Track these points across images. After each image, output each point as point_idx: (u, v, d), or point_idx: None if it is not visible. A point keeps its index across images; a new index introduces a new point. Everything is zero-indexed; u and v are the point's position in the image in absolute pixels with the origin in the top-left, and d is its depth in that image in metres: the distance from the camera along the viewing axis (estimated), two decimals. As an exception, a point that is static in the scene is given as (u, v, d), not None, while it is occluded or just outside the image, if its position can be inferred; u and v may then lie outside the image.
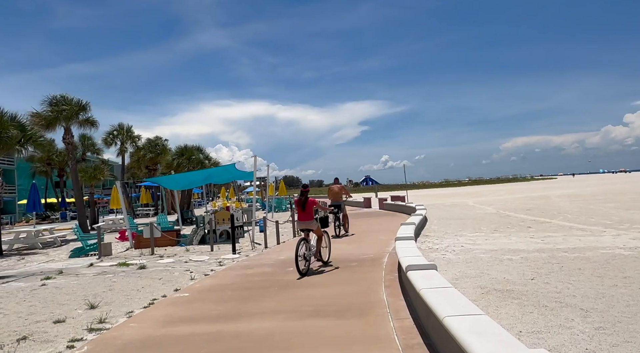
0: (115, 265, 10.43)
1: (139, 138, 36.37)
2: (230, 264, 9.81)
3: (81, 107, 18.56)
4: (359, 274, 7.64)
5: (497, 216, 17.20)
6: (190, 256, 11.38)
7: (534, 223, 13.77)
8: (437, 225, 14.74)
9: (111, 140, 34.82)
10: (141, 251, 12.54)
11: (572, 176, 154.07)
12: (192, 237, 13.93)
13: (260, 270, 8.76)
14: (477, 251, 8.76)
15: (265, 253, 11.14)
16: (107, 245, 12.02)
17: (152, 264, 10.39)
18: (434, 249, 9.52)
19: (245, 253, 11.59)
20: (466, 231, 12.53)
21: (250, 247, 12.36)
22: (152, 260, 11.15)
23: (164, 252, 12.52)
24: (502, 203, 25.47)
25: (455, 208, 23.88)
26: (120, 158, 36.00)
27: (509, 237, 10.65)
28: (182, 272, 9.10)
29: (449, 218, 17.59)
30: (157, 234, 12.23)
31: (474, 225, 14.03)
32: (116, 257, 11.92)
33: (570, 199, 26.81)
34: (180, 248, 13.04)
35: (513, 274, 6.45)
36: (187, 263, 10.39)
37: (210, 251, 12.13)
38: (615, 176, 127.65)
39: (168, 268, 9.76)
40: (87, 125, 19.42)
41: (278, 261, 9.60)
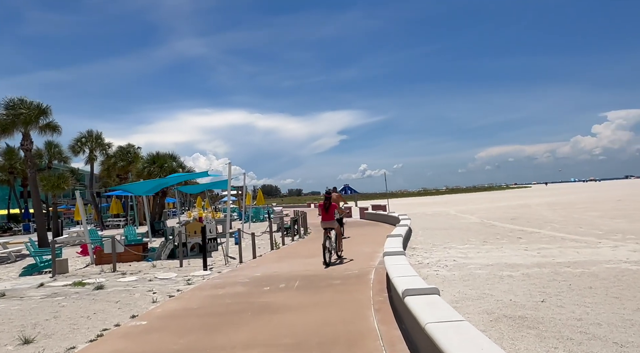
0: (69, 284, 9.27)
1: (109, 146, 34.77)
2: (199, 282, 8.80)
3: (41, 111, 17.19)
4: (345, 294, 6.78)
5: (483, 226, 16.64)
6: (156, 273, 10.30)
7: (522, 233, 13.22)
8: (423, 236, 14.03)
9: (79, 147, 33.10)
10: (102, 267, 11.37)
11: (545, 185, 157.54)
12: (160, 251, 12.81)
13: (232, 290, 7.80)
14: (471, 266, 8.03)
15: (240, 269, 10.17)
16: (62, 261, 10.82)
17: (112, 283, 9.28)
18: (424, 264, 8.75)
19: (218, 268, 10.59)
20: (455, 242, 11.85)
21: (223, 262, 11.35)
22: (112, 278, 10.02)
23: (128, 268, 11.38)
24: (484, 212, 25.10)
25: (438, 218, 23.34)
26: (89, 166, 34.26)
27: (502, 249, 9.99)
28: (143, 293, 8.05)
29: (434, 228, 16.94)
30: (120, 249, 11.10)
31: (461, 236, 13.38)
32: (73, 275, 10.72)
33: (551, 208, 26.67)
34: (147, 264, 11.92)
35: (519, 295, 5.71)
36: (152, 281, 9.33)
37: (179, 267, 11.06)
38: (586, 184, 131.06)
39: (129, 287, 8.68)
40: (49, 130, 18.03)
41: (254, 279, 8.66)
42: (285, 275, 8.82)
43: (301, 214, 21.83)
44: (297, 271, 9.17)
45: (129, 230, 17.28)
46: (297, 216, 22.11)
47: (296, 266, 9.91)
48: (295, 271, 9.30)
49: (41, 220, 17.56)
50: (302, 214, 21.29)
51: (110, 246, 10.85)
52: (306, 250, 12.90)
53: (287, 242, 15.33)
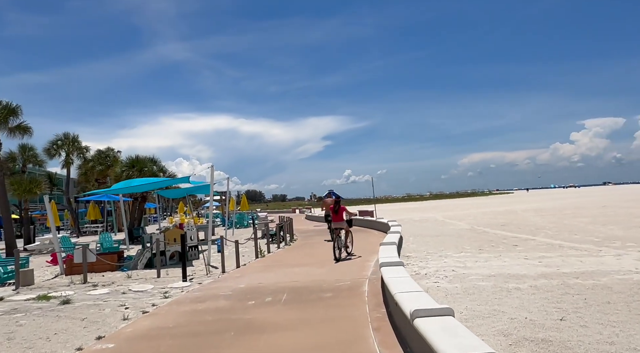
0: (32, 299, 8.40)
1: (86, 149, 33.47)
2: (177, 295, 8.05)
3: (10, 111, 16.14)
4: (338, 310, 6.14)
5: (474, 232, 16.22)
6: (131, 285, 9.49)
7: (517, 240, 12.80)
8: (415, 244, 13.49)
9: (55, 151, 31.73)
10: (71, 279, 10.49)
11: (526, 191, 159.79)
12: (136, 260, 11.97)
13: (214, 304, 7.08)
14: (473, 277, 7.49)
15: (222, 280, 9.44)
16: (27, 272, 9.92)
17: (81, 296, 8.46)
18: (422, 274, 8.17)
19: (199, 279, 9.84)
20: (449, 250, 11.33)
21: (205, 272, 10.59)
22: (82, 290, 9.18)
23: (100, 279, 10.52)
24: (473, 218, 24.78)
25: (426, 224, 22.91)
26: (66, 170, 32.93)
27: (501, 258, 9.50)
28: (114, 308, 7.28)
29: (425, 234, 16.45)
30: (92, 258, 10.24)
31: (455, 243, 12.88)
32: (38, 288, 9.82)
33: (538, 214, 26.53)
34: (122, 274, 11.07)
35: (533, 311, 5.17)
36: (125, 294, 8.54)
37: (156, 278, 10.27)
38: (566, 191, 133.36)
39: (99, 302, 7.88)
40: (19, 132, 16.97)
41: (237, 291, 7.95)
42: (271, 287, 8.14)
43: (287, 220, 21.14)
44: (284, 283, 8.50)
45: (105, 237, 16.34)
46: (283, 222, 21.43)
47: (283, 277, 9.24)
48: (283, 282, 8.62)
49: (9, 227, 16.45)
50: (287, 221, 20.60)
51: (80, 255, 9.99)
52: (293, 258, 12.23)
53: (272, 250, 14.62)
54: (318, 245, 15.41)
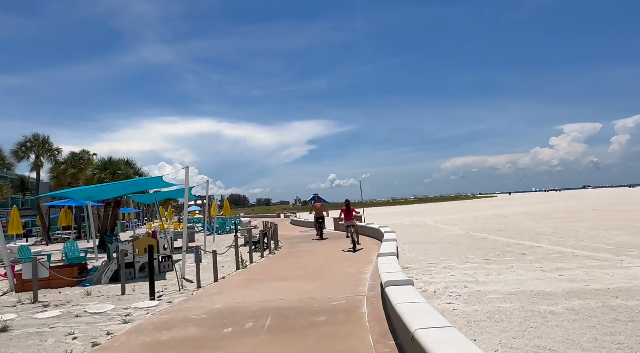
0: (-37, 324, 6.96)
1: (58, 151, 31.63)
2: (140, 319, 6.73)
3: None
4: (335, 343, 4.94)
5: (471, 238, 15.22)
6: (88, 305, 8.11)
7: (522, 248, 11.80)
8: (412, 252, 12.38)
9: (23, 153, 29.83)
10: (20, 297, 9.03)
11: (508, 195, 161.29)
12: (100, 273, 10.56)
13: (182, 332, 5.79)
14: (492, 296, 6.38)
15: (196, 298, 8.13)
16: (-34, 290, 8.44)
17: (24, 321, 7.06)
18: (430, 292, 7.03)
19: (169, 296, 8.52)
20: (452, 260, 10.24)
21: (177, 287, 9.26)
22: (29, 312, 7.77)
23: (55, 297, 9.11)
24: (465, 223, 23.87)
25: (418, 229, 21.89)
26: (35, 173, 31.03)
27: (514, 270, 8.44)
28: (59, 339, 5.93)
29: (420, 241, 15.37)
30: (44, 273, 8.82)
31: (456, 252, 11.81)
32: (-22, 308, 8.36)
33: (530, 218, 25.79)
34: (81, 290, 9.66)
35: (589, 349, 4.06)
36: (79, 317, 7.17)
37: (119, 296, 8.89)
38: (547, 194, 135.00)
39: (44, 328, 6.51)
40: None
41: (212, 314, 6.67)
42: (253, 308, 6.89)
43: (271, 225, 19.84)
44: (268, 302, 7.26)
45: (71, 246, 14.79)
46: (267, 228, 20.14)
47: (267, 294, 8.00)
48: (266, 301, 7.38)
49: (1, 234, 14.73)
50: (272, 226, 19.30)
51: (30, 269, 8.56)
52: (278, 270, 10.97)
53: (255, 259, 13.33)
54: (306, 254, 14.18)
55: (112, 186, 13.09)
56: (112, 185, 13.68)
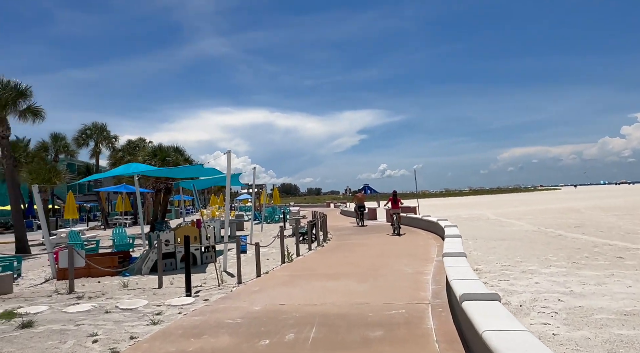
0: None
1: (115, 139, 32.54)
2: (171, 320, 5.97)
3: (19, 93, 14.73)
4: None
5: (546, 235, 13.42)
6: (121, 300, 7.52)
7: (614, 249, 10.00)
8: (479, 250, 10.93)
9: (83, 140, 30.93)
10: (57, 285, 8.66)
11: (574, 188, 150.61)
12: (140, 263, 10.07)
13: (211, 342, 4.92)
14: (601, 317, 4.98)
15: (235, 296, 7.30)
16: (5, 277, 8.16)
17: (52, 316, 6.54)
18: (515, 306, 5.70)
19: (207, 292, 7.76)
20: (530, 262, 8.75)
21: (217, 282, 8.50)
22: (61, 304, 7.29)
23: (92, 287, 8.67)
24: (532, 217, 21.70)
25: (479, 223, 20.10)
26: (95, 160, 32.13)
27: (616, 278, 6.87)
28: (80, 341, 5.26)
29: (485, 237, 13.78)
30: (80, 262, 8.36)
31: (531, 252, 10.23)
32: (15, 297, 8.04)
33: (609, 212, 23.05)
34: (120, 280, 9.17)
35: None
36: (108, 313, 6.55)
37: (156, 289, 8.27)
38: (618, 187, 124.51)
39: (69, 326, 5.91)
40: (29, 115, 15.59)
41: (249, 318, 5.77)
42: (296, 313, 5.92)
43: (320, 216, 18.91)
44: (313, 306, 6.27)
45: (118, 232, 14.65)
46: (316, 218, 19.22)
47: (313, 295, 7.01)
48: (312, 304, 6.40)
49: (19, 219, 15.11)
50: (321, 217, 18.36)
51: (66, 258, 8.12)
52: (326, 265, 9.97)
53: (302, 251, 12.43)
54: (356, 247, 13.09)
55: (139, 171, 12.70)
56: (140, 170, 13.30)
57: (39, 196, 9.30)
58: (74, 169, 54.72)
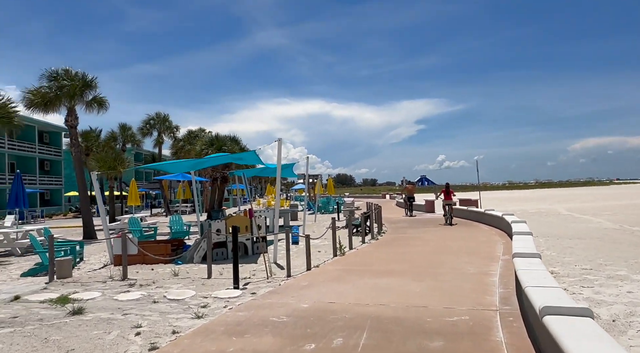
0: (48, 301, 6.68)
1: (177, 129, 33.70)
2: (215, 314, 5.73)
3: (86, 84, 15.40)
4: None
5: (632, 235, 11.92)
6: (171, 288, 7.44)
7: None
8: (552, 250, 9.85)
9: (147, 130, 32.31)
10: (111, 272, 8.80)
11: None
12: (192, 252, 10.06)
13: (253, 343, 4.57)
14: None
15: (283, 290, 6.95)
16: (64, 262, 8.40)
17: (103, 302, 6.55)
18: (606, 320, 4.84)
19: (255, 285, 7.49)
20: (618, 265, 7.64)
21: (265, 274, 8.22)
22: (113, 291, 7.33)
23: (145, 275, 8.73)
24: (612, 213, 19.65)
25: (549, 218, 18.51)
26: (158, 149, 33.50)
27: None
28: (123, 332, 5.14)
29: (558, 235, 12.51)
30: (133, 250, 8.42)
31: (617, 253, 9.01)
32: (73, 282, 8.25)
33: None
34: (173, 269, 9.19)
35: None
36: (156, 303, 6.46)
37: (205, 280, 8.14)
38: None
39: (115, 316, 5.85)
40: (95, 106, 16.27)
41: (296, 317, 5.38)
42: (346, 313, 5.45)
43: (375, 207, 18.28)
44: (365, 306, 5.76)
45: (175, 219, 14.95)
46: (370, 209, 18.61)
47: (365, 293, 6.50)
48: (363, 303, 5.89)
49: (86, 205, 15.90)
50: (376, 208, 17.73)
51: (119, 246, 8.20)
52: (380, 261, 9.40)
53: (355, 244, 11.93)
54: (413, 242, 12.38)
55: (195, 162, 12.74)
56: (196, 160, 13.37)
57: (97, 183, 9.52)
58: (140, 158, 57.81)
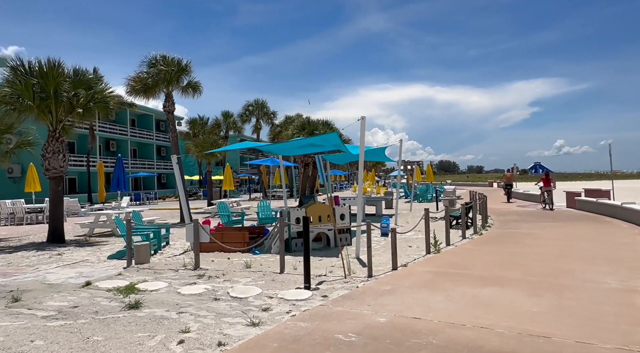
0: (117, 289, 6.40)
1: (274, 115, 34.09)
2: (275, 322, 4.84)
3: (181, 69, 15.66)
4: None
5: None
6: (239, 282, 6.77)
7: None
8: None
9: (246, 117, 33.18)
10: (185, 260, 8.46)
11: None
12: (270, 241, 9.40)
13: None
14: None
15: (359, 295, 5.83)
16: (142, 247, 8.25)
17: (164, 296, 6.07)
18: None
19: (330, 285, 6.49)
20: None
21: (343, 272, 7.15)
22: (181, 281, 6.89)
23: (218, 265, 8.25)
24: None
25: None
26: (256, 135, 34.30)
27: None
28: (169, 336, 4.49)
29: None
30: (205, 238, 7.95)
31: None
32: (149, 268, 8.05)
33: None
34: (246, 260, 8.60)
35: None
36: (216, 301, 5.79)
37: (278, 274, 7.34)
38: None
39: (170, 314, 5.27)
40: (190, 91, 16.56)
41: (366, 338, 4.25)
42: (432, 338, 4.17)
43: (480, 197, 16.15)
44: (460, 328, 4.41)
45: (263, 205, 14.62)
46: (474, 200, 16.50)
47: (461, 308, 5.11)
48: (458, 324, 4.54)
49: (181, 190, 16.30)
50: (481, 198, 15.62)
51: (192, 233, 7.77)
52: (483, 263, 7.75)
53: (454, 239, 10.33)
54: (525, 239, 10.36)
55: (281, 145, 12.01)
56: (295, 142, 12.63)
57: (177, 166, 9.29)
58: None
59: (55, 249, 10.49)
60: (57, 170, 11.18)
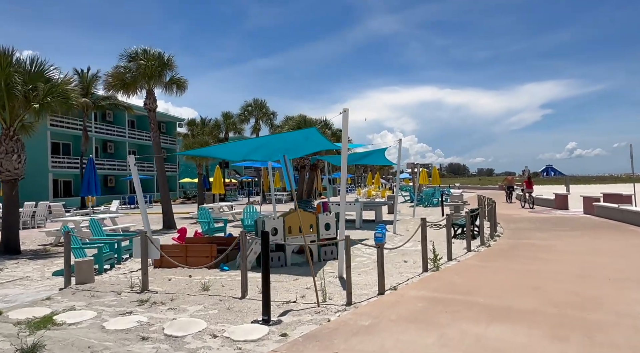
0: (22, 323, 5.13)
1: (274, 115, 32.87)
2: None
3: (162, 64, 14.48)
4: None
5: None
6: (186, 311, 5.46)
7: None
8: None
9: (245, 117, 32.00)
10: (137, 279, 7.17)
11: None
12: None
13: None
14: None
15: (328, 335, 4.49)
16: (84, 264, 6.98)
17: (78, 334, 4.78)
18: None
19: (296, 317, 5.17)
20: None
21: (316, 296, 5.80)
22: (114, 310, 5.59)
23: (169, 286, 6.95)
24: None
25: None
26: (255, 136, 33.11)
27: None
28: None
29: None
30: (154, 254, 6.65)
31: None
32: (88, 289, 6.76)
33: None
34: (209, 278, 7.31)
35: None
36: (145, 341, 4.50)
37: (238, 299, 6.03)
38: None
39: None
40: (173, 86, 15.37)
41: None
42: None
43: (488, 202, 14.72)
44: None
45: (248, 212, 13.34)
46: (482, 205, 15.09)
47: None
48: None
49: (165, 193, 15.16)
50: (489, 204, 14.19)
51: (139, 246, 6.48)
52: (490, 285, 6.35)
53: (457, 253, 8.94)
54: (541, 253, 8.93)
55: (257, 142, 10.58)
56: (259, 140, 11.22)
57: (135, 168, 8.03)
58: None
59: (2, 262, 9.28)
60: (10, 173, 10.01)
